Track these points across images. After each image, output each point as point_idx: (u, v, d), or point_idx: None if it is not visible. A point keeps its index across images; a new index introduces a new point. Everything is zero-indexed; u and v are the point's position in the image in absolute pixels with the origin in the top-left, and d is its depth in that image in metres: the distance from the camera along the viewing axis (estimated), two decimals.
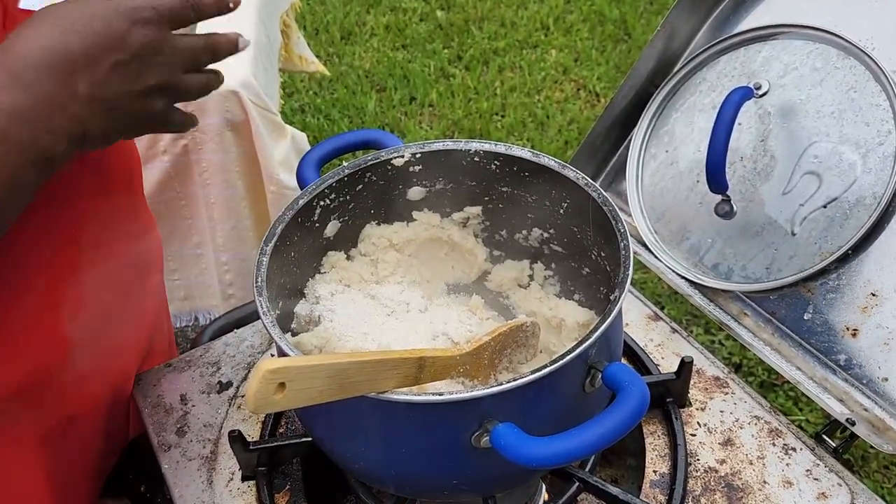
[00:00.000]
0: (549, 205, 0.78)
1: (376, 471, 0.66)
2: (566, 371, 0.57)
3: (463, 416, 0.57)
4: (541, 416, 0.60)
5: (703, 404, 0.84)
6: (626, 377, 0.56)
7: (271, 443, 0.80)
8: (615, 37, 3.06)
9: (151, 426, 0.87)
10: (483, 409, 0.57)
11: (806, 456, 0.78)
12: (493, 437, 0.55)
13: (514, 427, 0.55)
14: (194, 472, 0.82)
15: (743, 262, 0.92)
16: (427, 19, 3.25)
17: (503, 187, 0.80)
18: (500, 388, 0.55)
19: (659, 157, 1.03)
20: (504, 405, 0.57)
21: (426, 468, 0.62)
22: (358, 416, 0.61)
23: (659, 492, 0.76)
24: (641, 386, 0.55)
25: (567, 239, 0.80)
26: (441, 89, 2.86)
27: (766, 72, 0.93)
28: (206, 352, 0.95)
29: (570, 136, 2.60)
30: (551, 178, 0.75)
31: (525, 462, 0.53)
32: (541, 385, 0.56)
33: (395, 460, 0.63)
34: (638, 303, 0.97)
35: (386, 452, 0.62)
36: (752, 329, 0.91)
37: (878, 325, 0.81)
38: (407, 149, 0.77)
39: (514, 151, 0.76)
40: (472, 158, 0.78)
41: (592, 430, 0.53)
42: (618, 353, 0.70)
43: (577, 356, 0.57)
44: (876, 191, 0.82)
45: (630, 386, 0.55)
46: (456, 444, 0.58)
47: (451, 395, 0.55)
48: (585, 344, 0.57)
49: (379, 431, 0.61)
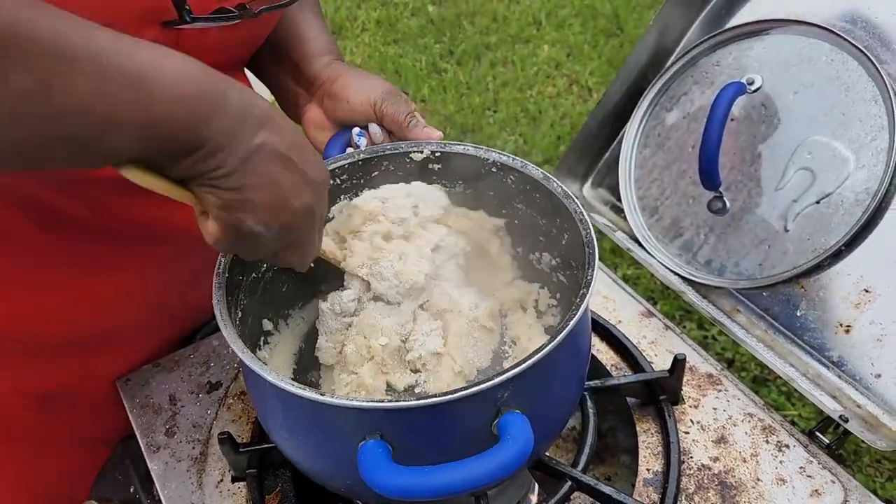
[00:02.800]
0: (556, 232, 0.75)
1: (327, 477, 0.66)
2: (460, 406, 0.54)
3: (351, 422, 0.56)
4: (426, 446, 0.57)
5: (696, 402, 0.84)
6: (514, 429, 0.53)
7: (261, 445, 0.79)
8: (607, 31, 3.05)
9: (140, 427, 0.85)
10: (368, 421, 0.55)
11: (799, 453, 0.78)
12: (360, 452, 0.54)
13: (383, 447, 0.53)
14: (184, 473, 0.81)
15: (736, 259, 0.92)
16: (418, 14, 3.24)
17: (518, 203, 0.78)
18: (381, 405, 0.53)
19: (652, 153, 1.03)
20: (387, 423, 0.55)
21: (331, 466, 0.62)
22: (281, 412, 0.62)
23: (652, 490, 0.76)
24: (521, 443, 0.52)
25: (569, 271, 0.77)
26: (433, 84, 2.85)
27: (759, 67, 0.92)
28: (196, 351, 0.94)
29: (562, 130, 2.60)
30: (556, 206, 0.72)
31: (373, 486, 0.51)
32: (432, 412, 0.54)
33: (335, 465, 0.62)
34: (631, 300, 0.97)
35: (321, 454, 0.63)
36: (745, 326, 0.91)
37: (871, 322, 0.80)
38: (427, 146, 0.76)
39: (529, 170, 0.73)
40: (490, 169, 0.76)
41: (452, 473, 0.51)
42: (548, 403, 0.63)
43: (475, 394, 0.53)
44: (869, 187, 0.81)
45: (510, 439, 0.52)
46: (346, 449, 0.56)
47: (336, 400, 0.54)
48: (487, 384, 0.53)
49: (300, 427, 0.62)
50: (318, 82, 0.86)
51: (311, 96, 0.87)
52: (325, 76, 0.85)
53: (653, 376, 0.82)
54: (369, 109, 0.81)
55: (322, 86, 0.85)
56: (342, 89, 0.83)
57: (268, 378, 0.56)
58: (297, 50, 0.88)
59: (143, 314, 0.89)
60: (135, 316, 0.88)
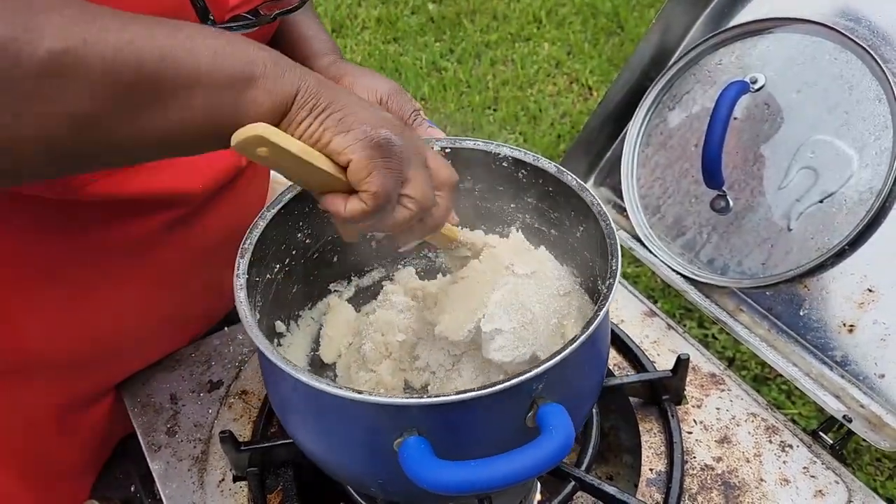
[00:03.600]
0: (569, 225, 0.75)
1: (357, 476, 0.66)
2: (497, 399, 0.54)
3: (385, 419, 0.56)
4: (463, 440, 0.57)
5: (699, 401, 0.84)
6: (556, 421, 0.53)
7: (263, 443, 0.78)
8: (608, 30, 3.05)
9: (140, 426, 0.85)
10: (405, 418, 0.55)
11: (803, 453, 0.78)
12: (401, 449, 0.54)
13: (425, 443, 0.53)
14: (185, 472, 0.81)
15: (739, 258, 0.92)
16: (419, 12, 3.23)
17: (529, 198, 0.78)
18: (418, 401, 0.53)
19: (654, 152, 1.02)
20: (423, 419, 0.55)
21: (364, 465, 0.62)
22: (311, 407, 0.61)
23: (655, 490, 0.76)
24: (564, 435, 0.52)
25: (578, 266, 0.77)
26: (433, 83, 2.84)
27: (762, 66, 0.92)
28: (197, 349, 0.94)
29: (562, 129, 2.59)
30: (571, 198, 0.72)
31: (420, 482, 0.51)
32: (469, 407, 0.54)
33: (370, 463, 0.62)
34: (633, 299, 0.97)
35: (351, 452, 0.62)
36: (748, 325, 0.91)
37: (875, 321, 0.80)
38: (437, 142, 0.76)
39: (542, 163, 0.73)
40: (501, 164, 0.75)
41: (497, 466, 0.51)
42: (577, 394, 0.64)
43: (512, 387, 0.53)
44: (873, 186, 0.81)
45: (553, 430, 0.52)
46: (383, 447, 0.56)
47: (375, 397, 0.53)
48: (524, 376, 0.53)
49: (329, 426, 0.61)
50: None
51: None
52: (329, 75, 0.85)
53: (656, 376, 0.82)
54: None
55: None
56: (348, 88, 0.82)
57: (302, 379, 0.55)
58: (300, 51, 0.88)
59: (161, 324, 0.89)
60: (156, 326, 0.88)
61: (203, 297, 0.91)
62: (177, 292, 0.86)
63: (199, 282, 0.87)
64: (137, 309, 0.83)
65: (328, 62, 0.86)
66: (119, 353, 0.87)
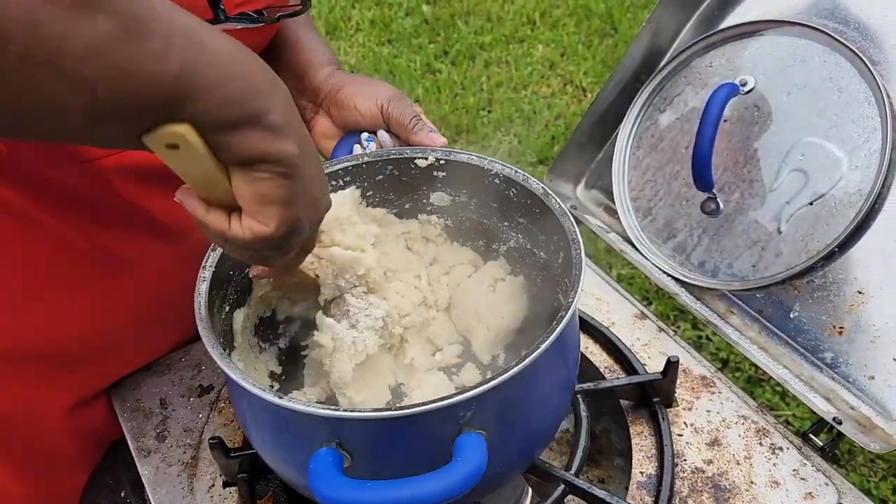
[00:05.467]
0: (554, 249, 0.74)
1: (298, 484, 0.65)
2: (419, 421, 0.52)
3: (310, 428, 0.56)
4: (384, 457, 0.56)
5: (689, 404, 0.84)
6: (469, 450, 0.52)
7: (253, 449, 0.78)
8: (601, 31, 3.05)
9: (130, 431, 0.85)
10: (325, 429, 0.55)
11: (793, 455, 0.78)
12: (311, 460, 0.53)
13: (336, 457, 0.53)
14: (174, 478, 0.80)
15: (729, 260, 0.92)
16: (413, 14, 3.23)
17: (519, 218, 0.77)
18: (336, 413, 0.52)
19: (645, 154, 1.02)
20: (345, 433, 0.54)
21: (293, 470, 0.61)
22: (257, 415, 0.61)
23: (646, 493, 0.76)
24: (472, 466, 0.51)
25: (563, 294, 0.75)
26: (427, 85, 2.84)
27: (752, 68, 0.92)
28: (187, 354, 0.94)
29: (556, 131, 2.59)
30: (554, 223, 0.70)
31: (317, 496, 0.50)
32: (390, 426, 0.53)
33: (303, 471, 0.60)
34: (625, 301, 0.97)
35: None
36: (739, 328, 0.91)
37: (865, 323, 0.80)
38: (432, 152, 0.76)
39: (531, 184, 0.72)
40: (493, 180, 0.75)
41: (398, 490, 0.49)
42: (515, 427, 0.60)
43: (432, 411, 0.51)
44: (862, 188, 0.81)
45: (461, 461, 0.51)
46: (304, 455, 0.55)
47: (295, 405, 0.53)
48: (444, 402, 0.51)
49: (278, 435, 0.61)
50: (323, 93, 0.86)
51: (318, 107, 0.87)
52: (329, 86, 0.86)
53: (646, 379, 0.82)
54: (377, 114, 0.81)
55: (327, 96, 0.86)
56: (349, 97, 0.83)
57: (233, 376, 0.55)
58: (300, 63, 0.89)
59: (149, 323, 0.89)
60: (144, 325, 0.88)
61: (186, 298, 0.91)
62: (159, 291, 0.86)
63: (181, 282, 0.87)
64: (124, 307, 0.83)
65: (327, 73, 0.87)
66: (107, 352, 0.86)
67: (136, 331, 0.88)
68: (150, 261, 0.83)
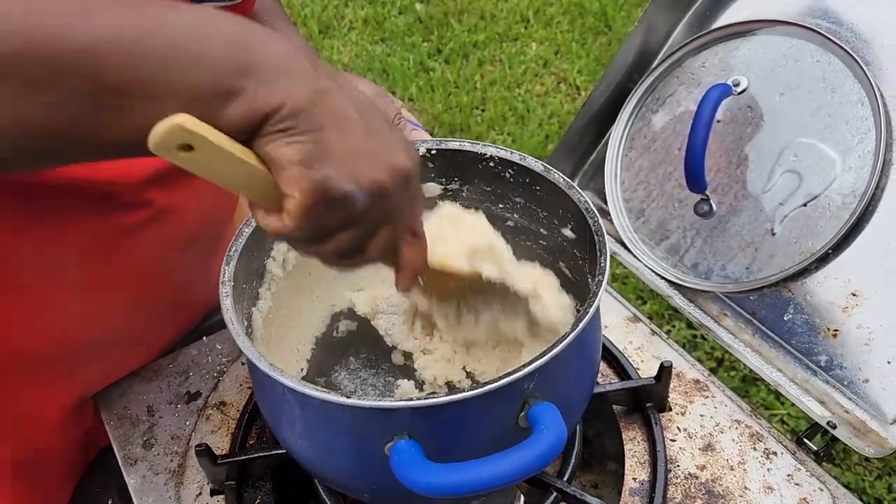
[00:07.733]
0: (558, 223, 0.75)
1: (346, 479, 0.65)
2: (487, 400, 0.53)
3: (374, 424, 0.56)
4: (455, 442, 0.56)
5: (683, 408, 0.83)
6: (547, 419, 0.53)
7: (240, 456, 0.77)
8: (595, 29, 3.04)
9: (116, 439, 0.84)
10: (395, 421, 0.54)
11: (787, 460, 0.77)
12: (392, 453, 0.53)
13: (416, 446, 0.52)
14: (161, 486, 0.79)
15: (723, 262, 0.91)
16: (406, 12, 3.21)
17: (517, 197, 0.77)
18: (409, 403, 0.53)
19: (638, 155, 1.01)
20: (414, 422, 0.54)
21: (356, 471, 0.61)
22: (295, 412, 0.60)
23: (639, 500, 0.75)
24: (555, 434, 0.52)
25: (568, 266, 0.77)
26: (421, 83, 2.83)
27: (745, 68, 0.91)
28: (174, 360, 0.92)
29: (550, 129, 2.58)
30: (559, 196, 0.71)
31: (412, 486, 0.50)
32: (460, 409, 0.53)
33: (361, 469, 0.61)
34: (617, 305, 0.96)
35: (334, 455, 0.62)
36: (733, 330, 0.90)
37: (859, 326, 0.79)
38: (423, 144, 0.75)
39: (528, 162, 0.72)
40: (488, 164, 0.75)
41: (489, 467, 0.50)
42: (568, 393, 0.63)
43: (503, 387, 0.52)
44: (856, 189, 0.80)
45: (544, 429, 0.52)
46: (374, 452, 0.56)
47: (364, 401, 0.53)
48: (514, 376, 0.52)
49: (317, 430, 0.61)
50: None
51: None
52: None
53: (639, 384, 0.81)
54: None
55: None
56: None
57: (288, 384, 0.54)
58: None
59: (161, 307, 0.88)
60: (156, 310, 0.88)
61: (170, 302, 0.90)
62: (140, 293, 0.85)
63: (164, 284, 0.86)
64: (102, 312, 0.81)
65: None
66: (90, 356, 0.85)
67: (136, 328, 0.87)
68: (154, 249, 0.82)
